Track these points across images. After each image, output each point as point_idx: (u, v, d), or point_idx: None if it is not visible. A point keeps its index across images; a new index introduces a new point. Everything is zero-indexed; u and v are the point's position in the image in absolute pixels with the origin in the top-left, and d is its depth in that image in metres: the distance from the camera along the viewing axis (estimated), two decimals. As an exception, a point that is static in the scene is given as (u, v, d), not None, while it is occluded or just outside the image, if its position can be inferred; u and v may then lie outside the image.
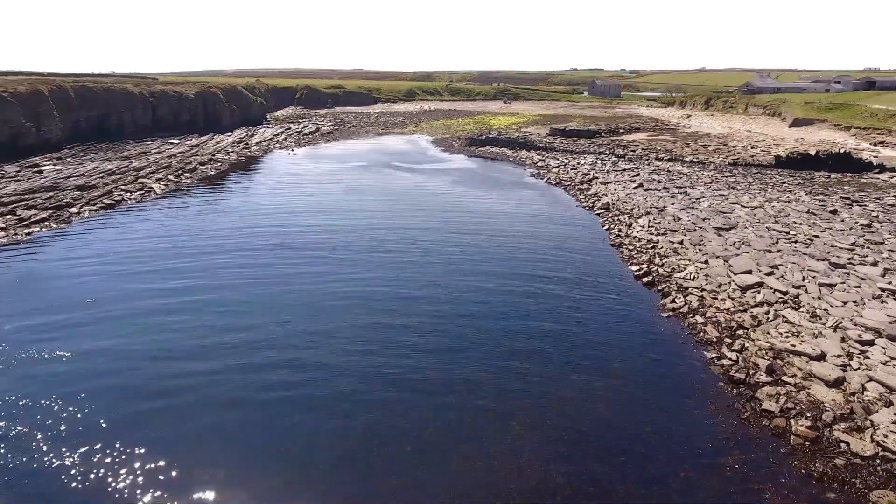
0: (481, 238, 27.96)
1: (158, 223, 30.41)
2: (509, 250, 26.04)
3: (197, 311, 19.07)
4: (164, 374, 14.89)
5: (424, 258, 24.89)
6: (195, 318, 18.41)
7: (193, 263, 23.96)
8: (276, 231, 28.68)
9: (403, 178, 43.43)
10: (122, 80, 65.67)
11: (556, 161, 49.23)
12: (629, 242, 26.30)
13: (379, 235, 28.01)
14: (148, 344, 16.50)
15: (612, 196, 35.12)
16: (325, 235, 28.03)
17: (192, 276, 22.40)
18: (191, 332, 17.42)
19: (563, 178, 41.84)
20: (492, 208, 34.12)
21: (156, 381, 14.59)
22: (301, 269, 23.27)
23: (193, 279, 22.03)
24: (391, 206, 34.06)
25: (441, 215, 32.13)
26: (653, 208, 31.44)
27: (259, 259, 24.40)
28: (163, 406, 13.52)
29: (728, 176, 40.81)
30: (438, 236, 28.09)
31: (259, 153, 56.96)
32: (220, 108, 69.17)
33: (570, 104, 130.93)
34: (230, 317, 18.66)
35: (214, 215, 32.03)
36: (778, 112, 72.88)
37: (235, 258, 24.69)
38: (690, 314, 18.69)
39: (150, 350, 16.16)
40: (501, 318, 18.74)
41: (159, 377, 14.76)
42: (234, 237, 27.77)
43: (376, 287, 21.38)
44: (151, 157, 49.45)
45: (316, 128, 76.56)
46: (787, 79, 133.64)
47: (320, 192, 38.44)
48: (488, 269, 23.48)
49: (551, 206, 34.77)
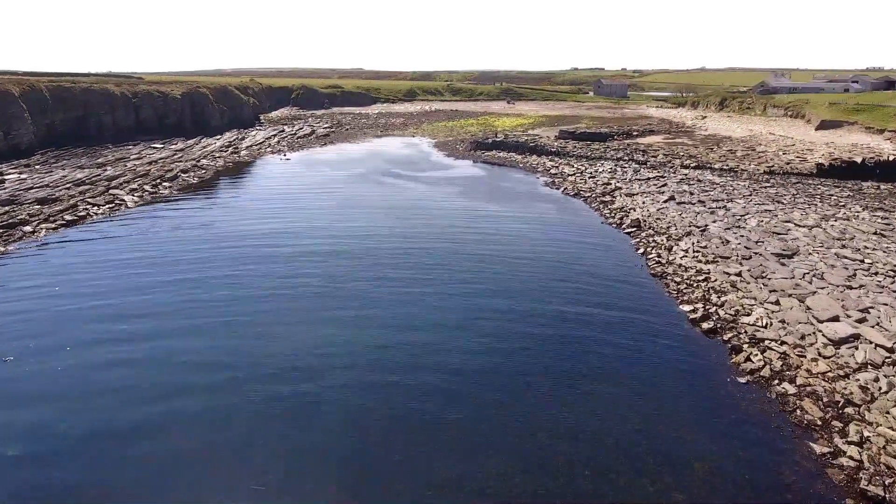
0: (499, 264, 23.88)
1: (124, 244, 26.32)
2: (532, 281, 21.95)
3: (157, 363, 15.06)
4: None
5: (432, 290, 20.82)
6: (152, 375, 14.40)
7: (156, 297, 19.95)
8: (258, 256, 24.56)
9: (405, 189, 39.32)
10: (102, 79, 61.58)
11: (571, 168, 45.12)
12: (674, 272, 22.20)
13: (378, 260, 23.90)
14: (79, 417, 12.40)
15: (642, 211, 31.02)
16: (316, 261, 23.93)
17: (154, 314, 18.41)
18: (142, 399, 13.36)
19: (581, 189, 37.73)
20: (507, 226, 30.01)
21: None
22: (285, 306, 19.21)
23: (154, 318, 18.06)
24: (392, 224, 29.95)
25: (449, 235, 28.02)
26: (692, 227, 27.33)
27: (236, 294, 20.31)
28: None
29: (767, 186, 36.68)
30: (448, 261, 24.01)
31: (249, 158, 52.86)
32: (209, 110, 65.02)
33: (576, 104, 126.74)
34: (197, 373, 14.61)
35: (189, 236, 27.91)
36: (801, 113, 68.72)
37: (208, 290, 20.64)
38: (775, 380, 14.61)
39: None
40: (529, 378, 14.65)
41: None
42: (209, 263, 23.68)
43: (377, 328, 17.36)
44: (130, 164, 45.32)
45: (311, 130, 72.42)
46: (799, 78, 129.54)
47: (313, 206, 34.32)
48: (509, 305, 19.40)
49: (573, 223, 30.66)
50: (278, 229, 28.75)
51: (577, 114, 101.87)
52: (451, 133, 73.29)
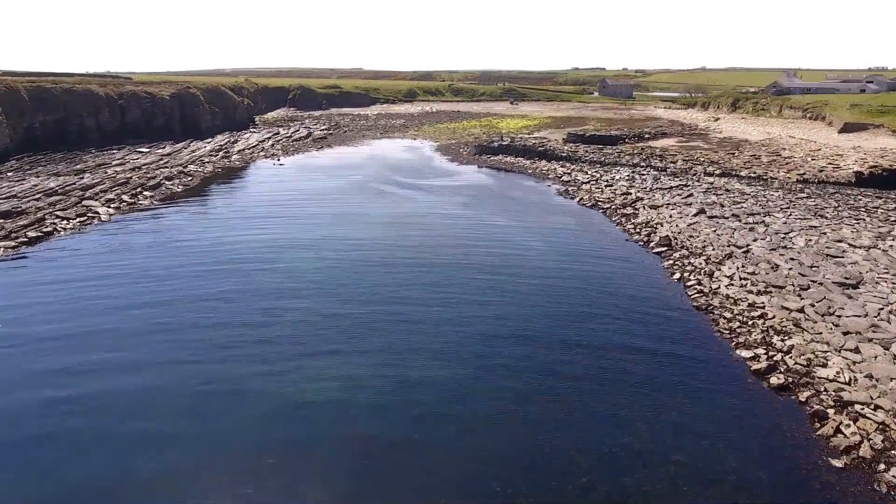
0: (515, 290, 20.82)
1: (87, 265, 23.28)
2: (554, 316, 18.84)
3: (101, 410, 12.05)
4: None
5: (443, 322, 17.76)
6: (96, 425, 11.41)
7: (122, 326, 17.16)
8: (239, 279, 21.45)
9: (407, 199, 36.18)
10: (86, 79, 58.33)
11: (585, 175, 41.99)
12: (721, 304, 19.06)
13: (378, 287, 20.77)
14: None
15: (671, 226, 27.90)
16: (307, 286, 20.83)
17: (116, 348, 15.65)
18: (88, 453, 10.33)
19: (599, 199, 34.59)
20: (521, 243, 26.90)
21: None
22: (270, 336, 16.16)
23: (116, 352, 15.27)
24: (394, 242, 26.83)
25: (458, 255, 24.90)
26: (732, 247, 24.21)
27: (213, 326, 17.26)
28: None
29: (803, 197, 33.54)
30: (457, 288, 20.91)
31: (240, 163, 49.71)
32: (200, 111, 61.88)
33: (581, 105, 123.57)
34: (153, 441, 11.51)
35: (164, 253, 24.80)
36: (821, 115, 65.57)
37: (180, 320, 17.66)
38: (880, 463, 11.48)
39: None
40: (557, 436, 11.53)
41: None
42: (184, 287, 20.67)
43: (375, 369, 14.34)
44: (111, 171, 42.20)
45: (308, 132, 69.25)
46: (810, 78, 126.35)
47: (305, 220, 31.19)
48: (531, 347, 16.34)
49: (594, 242, 27.51)
50: (264, 248, 25.59)
51: (583, 115, 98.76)
52: (453, 135, 70.19)
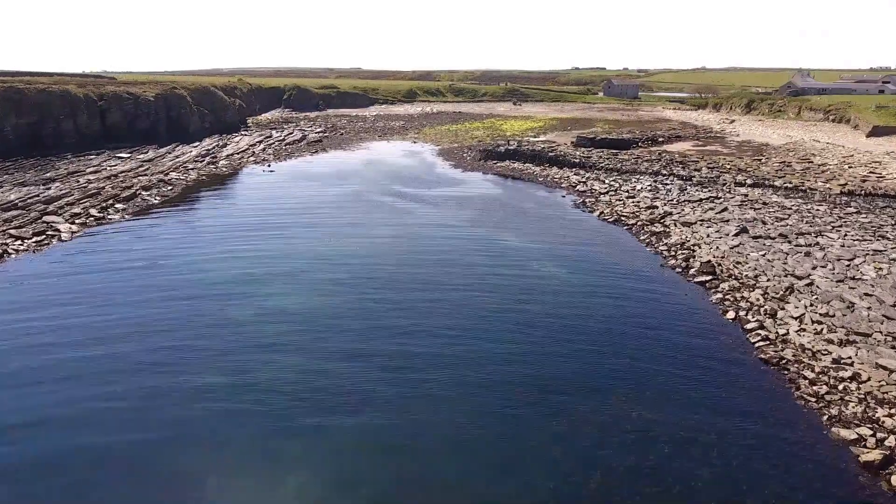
0: (537, 328, 17.33)
1: (38, 293, 19.73)
2: (580, 364, 15.30)
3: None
4: None
5: (455, 372, 14.22)
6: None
7: (66, 365, 13.39)
8: (207, 318, 17.86)
9: (407, 213, 32.57)
10: (63, 79, 54.64)
11: (602, 184, 38.39)
12: (795, 357, 15.48)
13: (372, 327, 17.19)
14: None
15: (711, 249, 24.32)
16: (287, 328, 17.24)
17: (63, 403, 11.97)
18: None
19: (621, 213, 31.00)
20: (536, 268, 23.32)
21: None
22: (234, 408, 12.51)
23: (62, 406, 11.64)
24: (392, 267, 23.25)
25: (464, 283, 21.31)
26: (790, 277, 20.62)
27: (176, 377, 13.68)
28: None
29: (853, 213, 29.92)
30: (470, 324, 17.38)
31: (227, 170, 46.09)
32: (187, 113, 58.20)
33: (586, 106, 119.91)
34: None
35: (126, 280, 21.25)
36: (845, 118, 62.04)
37: (132, 362, 14.05)
38: None
39: None
40: None
41: None
42: (143, 323, 17.14)
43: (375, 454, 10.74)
44: (83, 179, 38.55)
45: (302, 135, 65.58)
46: (822, 78, 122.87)
47: (293, 238, 27.59)
48: (560, 400, 12.75)
49: (622, 266, 23.89)
50: (241, 276, 21.98)
51: (590, 116, 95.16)
52: (455, 138, 66.56)
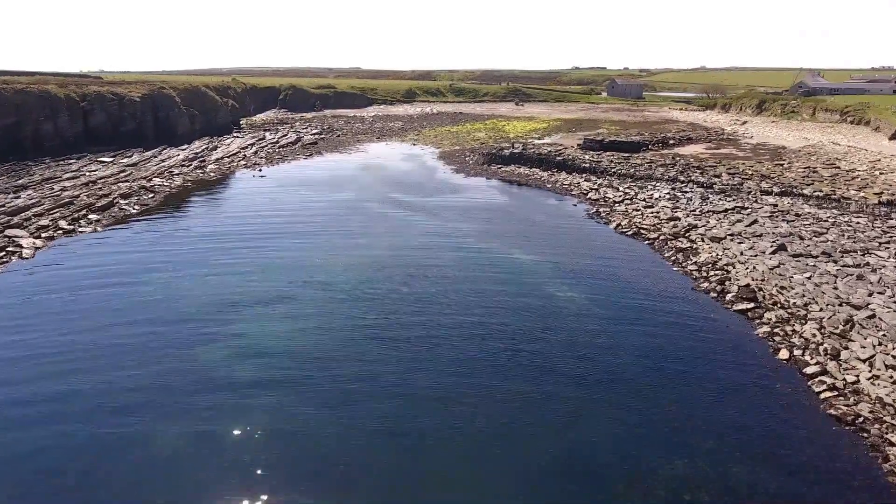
0: (558, 379, 14.57)
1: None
2: (612, 421, 12.61)
3: None
4: None
5: (468, 427, 11.51)
6: None
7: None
8: (175, 362, 15.17)
9: (406, 226, 29.89)
10: (44, 78, 51.86)
11: (617, 192, 35.71)
12: (873, 415, 12.82)
13: (365, 374, 14.52)
14: None
15: (747, 269, 21.63)
16: (270, 371, 14.55)
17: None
18: None
19: (641, 226, 28.32)
20: (552, 293, 20.63)
21: None
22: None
23: None
24: (389, 292, 20.56)
25: (475, 312, 18.64)
26: (846, 306, 17.94)
27: (130, 426, 11.01)
28: None
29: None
30: (476, 372, 14.67)
31: (215, 175, 43.39)
32: (176, 114, 55.46)
33: (590, 106, 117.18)
34: None
35: (87, 308, 18.56)
36: (864, 119, 59.35)
37: (85, 419, 11.31)
38: None
39: None
40: None
41: None
42: (95, 365, 14.39)
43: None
44: (58, 186, 35.85)
45: (297, 137, 62.85)
46: (831, 78, 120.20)
47: (278, 256, 24.91)
48: (596, 462, 10.11)
49: (648, 289, 21.19)
50: (218, 303, 19.29)
51: (594, 117, 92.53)
52: (457, 140, 63.89)
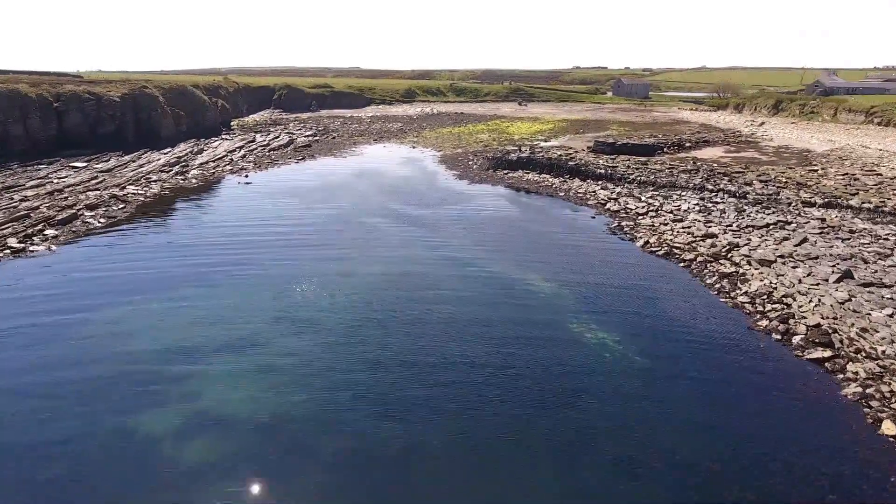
0: (594, 460, 10.98)
1: None
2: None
3: None
4: None
5: None
6: None
7: None
8: (111, 437, 11.59)
9: (405, 243, 26.29)
10: (16, 77, 48.27)
11: (639, 202, 32.11)
12: None
13: (353, 448, 10.95)
14: None
15: (811, 303, 18.04)
16: (231, 443, 10.97)
17: None
18: None
19: (673, 244, 24.74)
20: (578, 332, 17.04)
21: None
22: None
23: None
24: (384, 332, 16.97)
25: (487, 360, 15.05)
26: (953, 359, 14.37)
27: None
28: None
29: (971, 246, 23.71)
30: (491, 448, 11.10)
31: (197, 181, 39.81)
32: (159, 115, 51.83)
33: (596, 106, 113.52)
34: None
35: (12, 357, 14.92)
36: (893, 121, 55.83)
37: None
38: None
39: None
40: None
41: None
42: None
43: None
44: (18, 196, 32.25)
45: (289, 139, 59.24)
46: (845, 77, 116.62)
47: (255, 285, 21.29)
48: None
49: (693, 328, 17.61)
50: (175, 347, 15.70)
51: (601, 117, 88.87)
52: (459, 143, 60.31)
